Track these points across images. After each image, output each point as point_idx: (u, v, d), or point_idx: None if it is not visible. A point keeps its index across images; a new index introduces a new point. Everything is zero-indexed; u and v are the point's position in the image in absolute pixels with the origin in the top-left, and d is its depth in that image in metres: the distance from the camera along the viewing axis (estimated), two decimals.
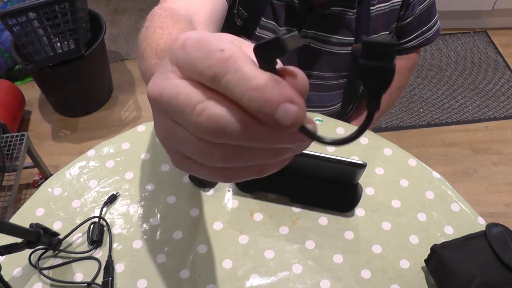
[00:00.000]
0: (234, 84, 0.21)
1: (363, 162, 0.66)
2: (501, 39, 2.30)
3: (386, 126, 1.94)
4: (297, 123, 0.21)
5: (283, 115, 0.21)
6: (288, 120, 0.21)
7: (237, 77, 0.21)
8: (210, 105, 0.22)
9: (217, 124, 0.21)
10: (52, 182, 0.80)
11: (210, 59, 0.22)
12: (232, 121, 0.21)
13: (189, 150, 0.24)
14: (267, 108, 0.21)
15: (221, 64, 0.21)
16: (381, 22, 0.85)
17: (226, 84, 0.21)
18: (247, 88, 0.21)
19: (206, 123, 0.22)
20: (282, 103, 0.21)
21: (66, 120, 2.01)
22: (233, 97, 0.21)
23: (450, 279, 0.62)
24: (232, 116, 0.21)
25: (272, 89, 0.21)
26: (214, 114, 0.21)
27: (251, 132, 0.22)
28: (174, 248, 0.71)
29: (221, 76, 0.21)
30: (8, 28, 1.58)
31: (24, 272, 0.69)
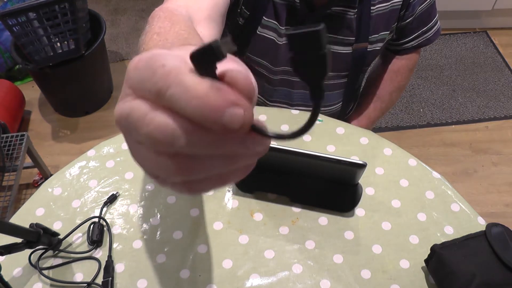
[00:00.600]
0: (177, 97, 0.21)
1: (363, 162, 0.66)
2: (501, 39, 2.30)
3: (386, 126, 1.94)
4: (245, 124, 0.22)
5: (230, 119, 0.21)
6: (236, 123, 0.21)
7: (179, 90, 0.21)
8: (158, 115, 0.22)
9: (165, 132, 0.22)
10: (52, 182, 0.80)
11: (155, 75, 0.22)
12: (179, 128, 0.22)
13: (152, 168, 0.25)
14: (213, 116, 0.21)
15: (164, 79, 0.22)
16: (382, 21, 0.85)
17: (170, 97, 0.22)
18: (189, 99, 0.21)
19: (155, 133, 0.22)
20: (226, 108, 0.21)
21: (66, 120, 2.01)
22: (179, 110, 0.22)
23: (450, 279, 0.62)
24: (179, 123, 0.22)
25: (215, 96, 0.21)
26: (161, 122, 0.22)
27: (198, 137, 0.22)
28: (174, 248, 0.71)
29: (164, 90, 0.22)
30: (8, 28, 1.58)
31: (24, 272, 0.69)
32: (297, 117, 0.88)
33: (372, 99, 1.05)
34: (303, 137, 0.84)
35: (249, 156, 0.25)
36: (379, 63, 1.06)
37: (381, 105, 1.04)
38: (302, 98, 0.97)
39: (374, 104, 1.05)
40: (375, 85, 1.04)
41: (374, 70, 1.08)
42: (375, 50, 0.89)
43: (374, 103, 1.05)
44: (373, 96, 1.04)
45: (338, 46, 0.86)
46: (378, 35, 0.87)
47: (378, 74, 1.04)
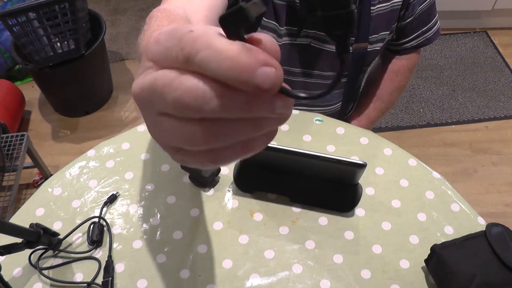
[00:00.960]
0: (208, 60, 0.21)
1: (363, 162, 0.66)
2: (501, 39, 2.30)
3: (386, 126, 1.94)
4: (276, 84, 0.22)
5: (262, 78, 0.21)
6: (268, 82, 0.21)
7: (209, 53, 0.21)
8: (186, 78, 0.22)
9: (195, 95, 0.22)
10: (52, 182, 0.80)
11: (182, 41, 0.22)
12: (209, 90, 0.22)
13: (176, 139, 0.24)
14: (245, 76, 0.21)
15: (192, 44, 0.22)
16: (382, 22, 0.85)
17: (201, 61, 0.22)
18: (221, 60, 0.21)
19: (184, 96, 0.22)
20: (258, 68, 0.21)
21: (66, 120, 2.01)
22: (210, 73, 0.22)
23: (450, 279, 0.62)
24: (209, 85, 0.22)
25: (246, 57, 0.21)
26: (191, 86, 0.22)
27: (229, 100, 0.22)
28: (174, 248, 0.71)
29: (194, 54, 0.22)
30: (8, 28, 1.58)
31: (24, 272, 0.69)
32: (296, 117, 0.88)
33: (372, 99, 1.05)
34: (303, 137, 0.84)
35: (275, 121, 0.24)
36: (379, 63, 1.06)
37: (381, 105, 1.04)
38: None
39: (374, 104, 1.05)
40: (375, 85, 1.04)
41: (374, 70, 1.08)
42: (375, 50, 0.89)
43: (374, 103, 1.05)
44: (373, 96, 1.04)
45: None
46: (378, 35, 0.87)
47: (378, 74, 1.04)
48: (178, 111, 0.23)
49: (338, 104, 1.00)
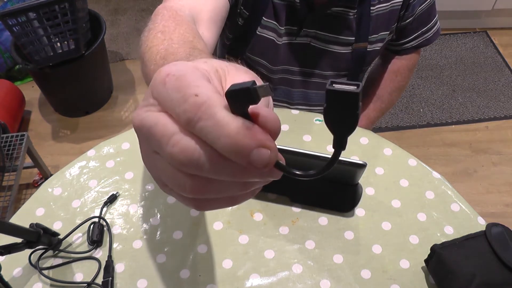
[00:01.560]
0: (207, 130, 0.22)
1: (363, 162, 0.66)
2: (501, 39, 2.30)
3: (386, 126, 1.94)
4: (270, 164, 0.23)
5: (257, 159, 0.22)
6: (262, 163, 0.23)
7: (210, 124, 0.22)
8: (184, 139, 0.23)
9: (191, 156, 0.23)
10: (52, 182, 0.80)
11: (185, 103, 0.23)
12: (205, 156, 0.23)
13: (166, 179, 0.25)
14: (241, 153, 0.22)
15: (195, 110, 0.22)
16: (382, 22, 0.85)
17: (200, 129, 0.22)
18: (220, 134, 0.22)
19: (179, 154, 0.23)
20: (255, 149, 0.22)
21: (66, 120, 2.01)
22: (207, 141, 0.23)
23: (450, 279, 0.62)
24: (205, 151, 0.23)
25: (245, 136, 0.22)
26: (187, 147, 0.23)
27: (223, 167, 0.23)
28: (174, 248, 0.71)
29: (195, 121, 0.22)
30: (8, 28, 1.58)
31: (24, 272, 0.69)
32: (296, 117, 0.88)
33: (372, 99, 1.05)
34: (303, 137, 0.84)
35: (262, 183, 0.26)
36: (379, 63, 1.06)
37: (381, 105, 1.04)
38: (302, 97, 0.97)
39: (374, 104, 1.05)
40: (375, 85, 1.04)
41: (374, 70, 1.08)
42: (375, 50, 0.89)
43: (374, 103, 1.05)
44: (373, 96, 1.04)
45: (338, 46, 0.86)
46: (378, 35, 0.87)
47: (378, 74, 1.04)
48: (171, 163, 0.24)
49: None
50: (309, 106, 0.97)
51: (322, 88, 0.94)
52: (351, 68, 0.91)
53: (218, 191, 0.25)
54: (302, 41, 0.86)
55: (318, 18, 0.82)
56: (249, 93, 0.22)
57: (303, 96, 0.96)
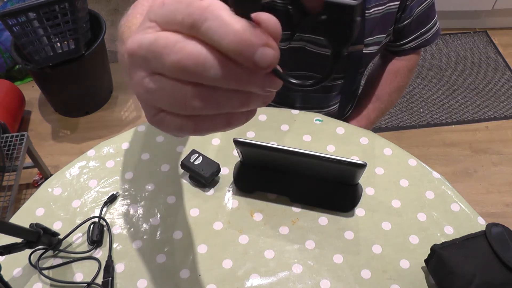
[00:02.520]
0: (214, 30, 0.22)
1: (363, 162, 0.66)
2: (501, 39, 2.30)
3: (386, 126, 1.94)
4: (272, 64, 0.23)
5: (261, 57, 0.23)
6: (266, 61, 0.23)
7: (217, 23, 0.22)
8: (190, 43, 0.23)
9: (197, 61, 0.23)
10: (52, 182, 0.80)
11: (190, 7, 0.23)
12: (211, 59, 0.23)
13: (163, 99, 0.25)
14: (247, 52, 0.22)
15: (200, 12, 0.23)
16: (377, 25, 0.85)
17: (206, 30, 0.23)
18: (227, 33, 0.22)
19: (185, 61, 0.23)
20: (260, 47, 0.23)
21: (66, 120, 2.01)
22: (212, 43, 0.23)
23: (450, 279, 0.62)
24: (211, 54, 0.23)
25: (250, 34, 0.22)
26: (194, 51, 0.23)
27: (228, 71, 0.23)
28: (174, 248, 0.71)
29: (201, 22, 0.23)
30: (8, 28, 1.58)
31: (24, 272, 0.69)
32: (296, 117, 0.88)
33: (371, 99, 1.05)
34: (303, 137, 0.84)
35: (260, 99, 0.26)
36: (378, 64, 1.06)
37: (381, 105, 1.04)
38: (301, 100, 0.97)
39: (374, 104, 1.05)
40: (375, 86, 1.04)
41: (373, 71, 1.08)
42: (371, 52, 0.89)
43: (373, 104, 1.05)
44: (372, 96, 1.04)
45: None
46: (373, 38, 0.87)
47: (377, 75, 1.04)
48: (175, 73, 0.24)
49: (336, 106, 1.00)
50: (307, 109, 0.97)
51: (319, 91, 0.94)
52: (348, 71, 0.91)
53: (219, 103, 0.25)
54: (297, 45, 0.86)
55: (312, 23, 0.82)
56: None
57: (302, 100, 0.96)
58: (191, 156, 0.77)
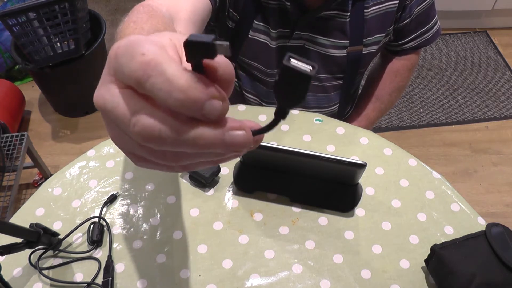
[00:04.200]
0: (158, 87, 0.22)
1: (363, 162, 0.66)
2: (501, 39, 2.30)
3: (386, 126, 1.94)
4: (223, 114, 0.24)
5: (210, 110, 0.23)
6: (215, 114, 0.23)
7: (160, 80, 0.22)
8: (142, 117, 0.23)
9: (152, 133, 0.23)
10: (52, 182, 0.80)
11: (133, 63, 0.23)
12: (165, 128, 0.23)
13: (140, 153, 0.26)
14: (193, 107, 0.22)
15: (143, 68, 0.22)
16: (376, 24, 0.85)
17: (151, 87, 0.22)
18: (171, 90, 0.22)
19: (141, 133, 0.23)
20: (206, 101, 0.23)
21: (66, 120, 2.01)
22: (159, 101, 0.23)
23: (450, 279, 0.62)
24: (164, 123, 0.23)
25: (196, 89, 0.22)
26: (147, 125, 0.23)
27: (185, 138, 0.23)
28: (174, 248, 0.71)
29: (144, 79, 0.22)
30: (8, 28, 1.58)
31: (24, 272, 0.69)
32: (296, 117, 0.88)
33: (371, 99, 1.05)
34: (303, 137, 0.84)
35: (232, 156, 0.27)
36: (378, 64, 1.06)
37: (381, 105, 1.04)
38: None
39: (374, 104, 1.04)
40: (375, 86, 1.04)
41: (373, 71, 1.08)
42: (370, 52, 0.89)
43: (373, 104, 1.05)
44: (372, 96, 1.04)
45: (333, 49, 0.86)
46: (372, 37, 0.86)
47: (377, 75, 1.04)
48: (138, 141, 0.24)
49: (335, 106, 1.00)
50: (307, 108, 0.97)
51: (318, 90, 0.94)
52: (347, 71, 0.91)
53: (192, 157, 0.25)
54: (296, 44, 0.86)
55: (310, 21, 0.82)
56: (207, 47, 0.22)
57: None
58: None
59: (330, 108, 0.99)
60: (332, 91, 0.95)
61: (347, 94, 0.99)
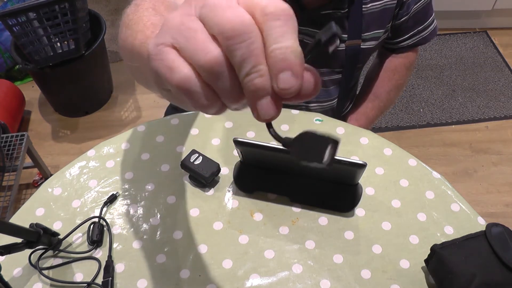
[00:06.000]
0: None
1: (363, 162, 0.66)
2: (501, 39, 2.30)
3: (386, 126, 1.94)
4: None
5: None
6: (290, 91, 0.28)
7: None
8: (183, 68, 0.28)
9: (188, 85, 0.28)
10: (52, 182, 0.80)
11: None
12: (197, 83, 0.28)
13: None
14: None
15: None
16: (374, 20, 0.86)
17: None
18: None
19: (179, 85, 0.28)
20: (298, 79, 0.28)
21: (66, 120, 2.01)
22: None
23: (450, 279, 0.62)
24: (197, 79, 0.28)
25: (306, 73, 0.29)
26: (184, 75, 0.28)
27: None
28: (174, 248, 0.71)
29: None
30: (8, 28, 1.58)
31: (24, 272, 0.69)
32: (296, 117, 0.88)
33: (370, 98, 1.05)
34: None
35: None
36: (376, 62, 1.07)
37: (379, 104, 1.05)
38: None
39: (373, 103, 1.05)
40: (373, 84, 1.05)
41: (371, 70, 1.08)
42: (368, 48, 0.89)
43: (372, 102, 1.05)
44: (371, 95, 1.05)
45: None
46: (370, 33, 0.87)
47: (375, 73, 1.05)
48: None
49: (334, 101, 1.00)
50: (306, 103, 0.97)
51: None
52: (345, 66, 0.91)
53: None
54: None
55: (309, 19, 0.83)
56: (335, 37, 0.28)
57: None
58: (191, 156, 0.77)
59: (329, 102, 0.99)
60: (331, 85, 0.96)
61: (346, 89, 0.99)
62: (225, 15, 0.26)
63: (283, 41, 0.26)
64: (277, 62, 0.26)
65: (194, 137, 0.85)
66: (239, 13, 0.26)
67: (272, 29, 0.26)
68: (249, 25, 0.26)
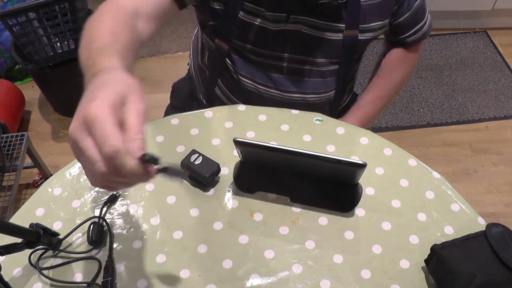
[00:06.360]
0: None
1: (363, 162, 0.66)
2: (501, 39, 2.30)
3: (386, 126, 1.94)
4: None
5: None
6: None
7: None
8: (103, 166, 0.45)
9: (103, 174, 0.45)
10: (52, 182, 0.80)
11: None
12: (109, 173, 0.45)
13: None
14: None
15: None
16: (372, 12, 0.87)
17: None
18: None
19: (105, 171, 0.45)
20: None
21: (66, 120, 2.01)
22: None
23: (450, 279, 0.62)
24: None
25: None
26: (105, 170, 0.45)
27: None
28: (174, 248, 0.71)
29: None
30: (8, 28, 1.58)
31: (24, 272, 0.69)
32: (296, 117, 0.88)
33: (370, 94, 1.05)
34: (303, 137, 0.84)
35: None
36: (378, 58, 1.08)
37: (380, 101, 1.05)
38: (295, 85, 0.96)
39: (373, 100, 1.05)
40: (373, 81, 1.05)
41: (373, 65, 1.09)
42: (366, 39, 0.90)
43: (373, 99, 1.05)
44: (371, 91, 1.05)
45: (330, 32, 0.87)
46: (368, 25, 0.88)
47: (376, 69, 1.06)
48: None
49: (331, 92, 1.00)
50: (303, 94, 0.97)
51: (315, 75, 0.94)
52: (343, 56, 0.92)
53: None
54: (292, 28, 0.87)
55: (306, 8, 0.83)
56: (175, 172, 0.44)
57: (296, 84, 0.96)
58: (191, 156, 0.77)
59: (327, 93, 0.99)
60: (329, 76, 0.96)
61: (344, 80, 0.99)
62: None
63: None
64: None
65: (194, 137, 0.85)
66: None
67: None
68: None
